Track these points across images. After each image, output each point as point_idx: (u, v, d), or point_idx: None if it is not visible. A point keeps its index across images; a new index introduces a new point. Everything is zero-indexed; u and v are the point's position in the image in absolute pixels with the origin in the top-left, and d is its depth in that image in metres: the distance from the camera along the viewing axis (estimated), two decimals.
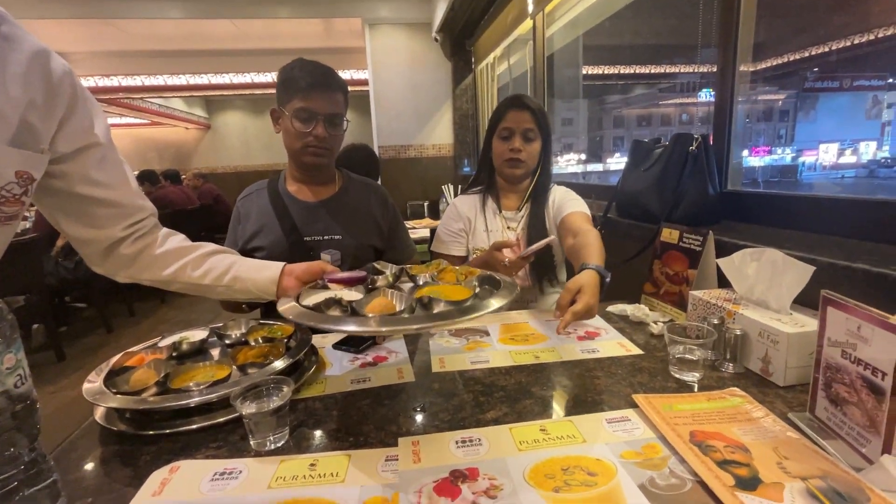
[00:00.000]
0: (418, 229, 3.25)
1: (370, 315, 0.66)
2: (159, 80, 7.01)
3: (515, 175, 1.40)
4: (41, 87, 0.66)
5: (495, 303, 0.71)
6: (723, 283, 1.09)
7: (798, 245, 0.99)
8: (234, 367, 0.82)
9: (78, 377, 2.95)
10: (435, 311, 0.69)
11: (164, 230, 0.91)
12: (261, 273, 0.91)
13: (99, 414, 0.77)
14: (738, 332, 0.85)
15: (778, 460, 0.60)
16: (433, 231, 2.52)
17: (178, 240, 0.92)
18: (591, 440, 0.66)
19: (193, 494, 0.59)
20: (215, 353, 0.93)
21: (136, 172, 4.44)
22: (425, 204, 4.07)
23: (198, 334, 0.97)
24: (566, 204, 1.39)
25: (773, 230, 1.20)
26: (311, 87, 1.14)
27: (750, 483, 0.56)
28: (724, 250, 1.04)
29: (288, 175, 1.32)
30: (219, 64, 6.71)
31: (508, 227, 1.41)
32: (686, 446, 0.63)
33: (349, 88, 1.25)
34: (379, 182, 1.60)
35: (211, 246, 0.94)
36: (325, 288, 0.85)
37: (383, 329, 0.67)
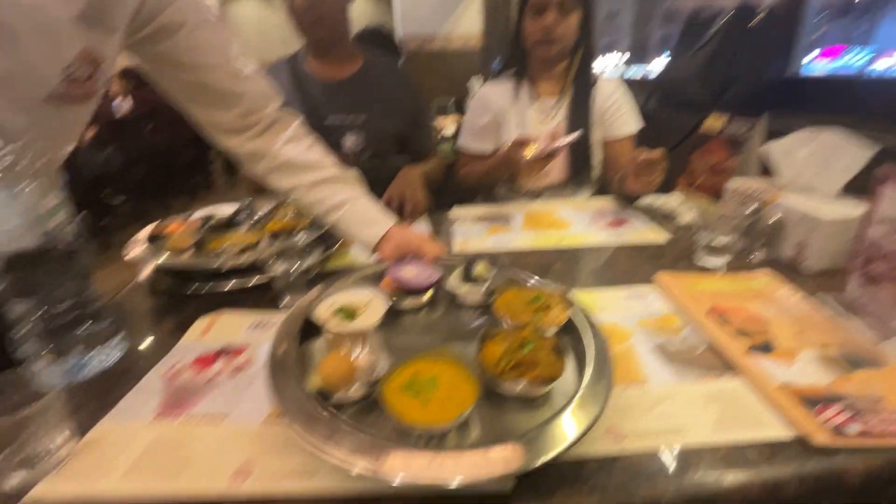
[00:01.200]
0: (447, 125, 3.12)
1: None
2: None
3: (550, 54, 1.26)
4: None
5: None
6: (765, 174, 1.03)
7: (859, 132, 0.91)
8: (265, 234, 0.85)
9: (124, 264, 3.19)
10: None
11: (292, 130, 0.78)
12: (363, 230, 0.77)
13: (143, 276, 0.83)
14: (776, 219, 0.81)
15: (796, 331, 0.60)
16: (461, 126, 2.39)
17: (304, 147, 0.77)
18: (610, 310, 0.68)
19: (236, 336, 0.65)
20: (244, 227, 0.96)
21: (119, 71, 4.19)
22: (451, 101, 3.85)
23: (227, 209, 1.00)
24: (616, 120, 1.26)
25: (830, 118, 1.07)
26: None
27: (763, 348, 0.57)
28: (774, 136, 0.96)
29: (306, 53, 1.24)
30: None
31: (544, 119, 1.32)
32: (704, 317, 0.64)
33: None
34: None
35: (329, 168, 0.78)
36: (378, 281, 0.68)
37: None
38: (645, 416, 0.47)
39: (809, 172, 0.84)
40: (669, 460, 0.42)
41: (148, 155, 3.96)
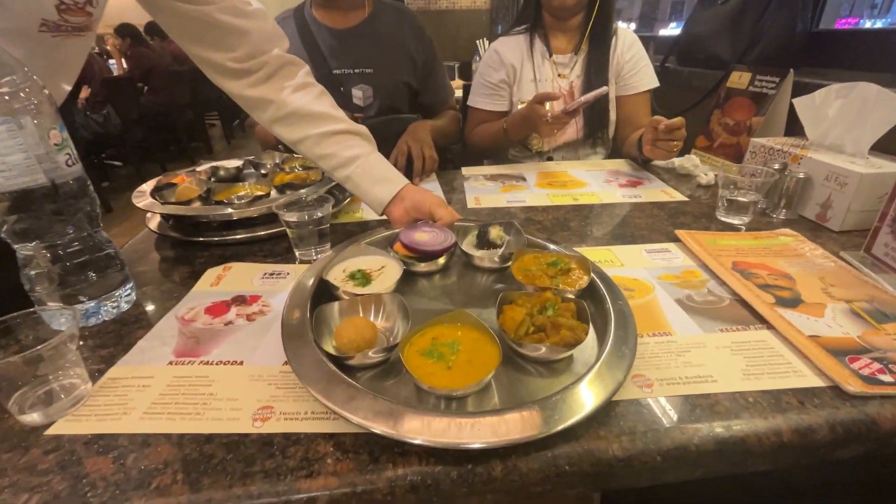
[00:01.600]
0: None
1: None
2: None
3: (566, 6, 1.20)
4: None
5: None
6: (790, 132, 0.99)
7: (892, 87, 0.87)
8: (273, 187, 0.82)
9: (129, 225, 3.17)
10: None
11: (299, 78, 0.73)
12: (374, 189, 0.71)
13: (153, 224, 0.81)
14: (801, 176, 0.78)
15: (823, 287, 0.59)
16: (466, 91, 2.29)
17: (313, 96, 0.73)
18: (630, 265, 0.66)
19: (248, 286, 0.64)
20: (252, 180, 0.93)
21: (115, 27, 4.07)
22: (456, 65, 3.74)
23: (233, 162, 0.97)
24: (634, 75, 1.20)
25: (861, 74, 1.03)
26: None
27: (790, 302, 0.56)
28: (801, 93, 0.92)
29: (313, 1, 1.18)
30: None
31: (560, 75, 1.26)
32: (727, 272, 0.62)
33: None
34: None
35: (339, 121, 0.73)
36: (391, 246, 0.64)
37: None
38: (671, 365, 0.46)
39: (838, 129, 0.81)
40: (698, 406, 0.41)
41: (146, 117, 3.87)
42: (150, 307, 0.60)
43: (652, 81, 1.25)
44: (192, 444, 0.39)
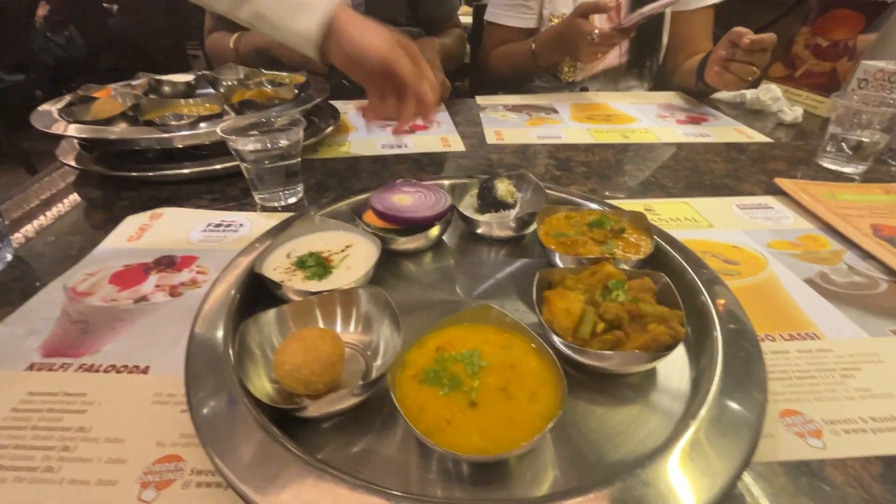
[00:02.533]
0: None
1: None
2: None
3: None
4: None
5: None
6: None
7: None
8: (226, 105, 0.61)
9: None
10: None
11: None
12: (292, 21, 0.48)
13: (67, 154, 0.60)
14: None
15: None
16: (478, 16, 1.90)
17: None
18: (721, 225, 0.47)
19: (179, 243, 0.44)
20: (203, 99, 0.71)
21: None
22: None
23: (184, 77, 0.74)
24: None
25: None
26: None
27: None
28: None
29: None
30: None
31: None
32: (870, 240, 0.43)
33: None
34: None
35: None
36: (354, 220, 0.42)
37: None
38: (840, 394, 0.29)
39: None
40: None
41: (116, 42, 3.47)
42: (32, 271, 0.41)
43: None
44: None
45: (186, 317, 0.34)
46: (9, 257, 0.41)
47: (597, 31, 0.78)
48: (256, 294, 0.34)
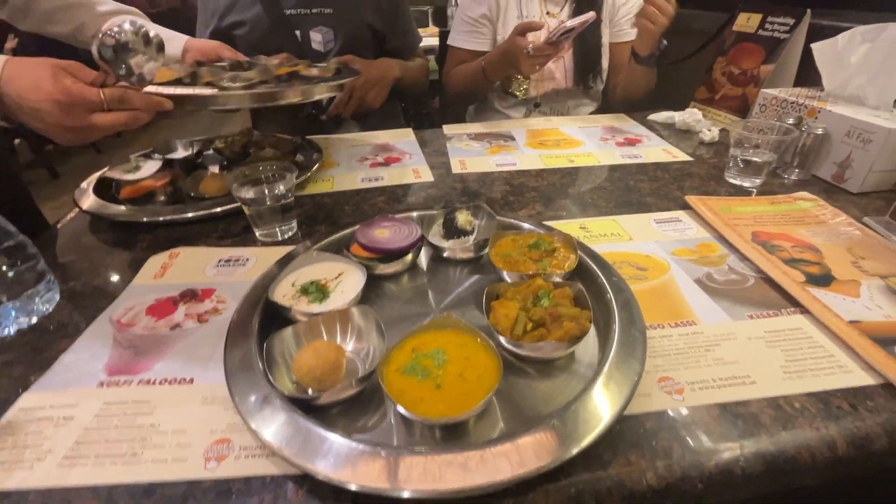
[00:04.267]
0: (424, 38, 2.81)
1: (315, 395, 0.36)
2: None
3: None
4: None
5: None
6: (800, 82, 0.91)
7: None
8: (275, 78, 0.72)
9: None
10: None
11: None
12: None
13: (87, 204, 0.68)
14: (819, 132, 0.71)
15: (853, 259, 0.53)
16: (443, 38, 2.06)
17: None
18: (639, 238, 0.59)
19: (198, 278, 0.54)
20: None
21: None
22: (430, 10, 3.46)
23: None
24: (630, 20, 1.09)
25: (890, 16, 0.93)
26: None
27: (822, 280, 0.50)
28: (816, 38, 0.84)
29: None
30: None
31: (549, 13, 1.13)
32: (748, 245, 0.56)
33: None
34: None
35: (110, 3, 0.77)
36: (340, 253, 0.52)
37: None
38: (701, 363, 0.40)
39: (861, 79, 0.73)
40: (739, 416, 0.35)
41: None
42: (77, 309, 0.50)
43: None
44: (126, 499, 0.31)
45: (215, 338, 0.44)
46: (57, 298, 0.50)
47: (531, 45, 0.92)
48: (271, 317, 0.44)
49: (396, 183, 0.77)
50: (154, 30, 0.58)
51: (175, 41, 0.82)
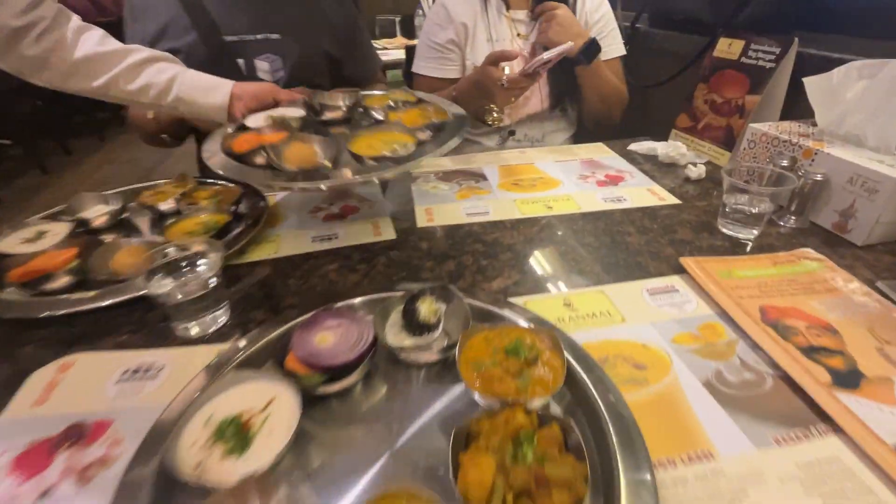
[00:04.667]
0: (390, 50, 2.72)
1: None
2: None
3: None
4: None
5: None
6: (787, 115, 0.86)
7: None
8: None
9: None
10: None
11: (73, 23, 0.65)
12: (207, 97, 0.70)
13: None
14: (819, 178, 0.65)
15: (878, 346, 0.46)
16: (409, 51, 1.99)
17: (95, 40, 0.66)
18: (633, 318, 0.51)
19: (92, 403, 0.42)
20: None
21: None
22: (397, 20, 3.37)
23: (293, 111, 0.74)
24: (602, 40, 1.01)
25: (886, 43, 0.85)
26: None
27: (849, 379, 0.42)
28: (804, 67, 0.78)
29: None
30: None
31: (519, 34, 1.05)
32: (758, 327, 0.48)
33: None
34: None
35: (142, 51, 0.68)
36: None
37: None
38: None
39: (858, 117, 0.67)
40: None
41: (31, 86, 3.24)
42: None
43: (619, 49, 1.09)
44: None
45: None
46: None
47: (505, 77, 0.84)
48: (173, 480, 0.33)
49: (353, 243, 0.67)
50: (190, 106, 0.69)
51: (221, 89, 0.70)
